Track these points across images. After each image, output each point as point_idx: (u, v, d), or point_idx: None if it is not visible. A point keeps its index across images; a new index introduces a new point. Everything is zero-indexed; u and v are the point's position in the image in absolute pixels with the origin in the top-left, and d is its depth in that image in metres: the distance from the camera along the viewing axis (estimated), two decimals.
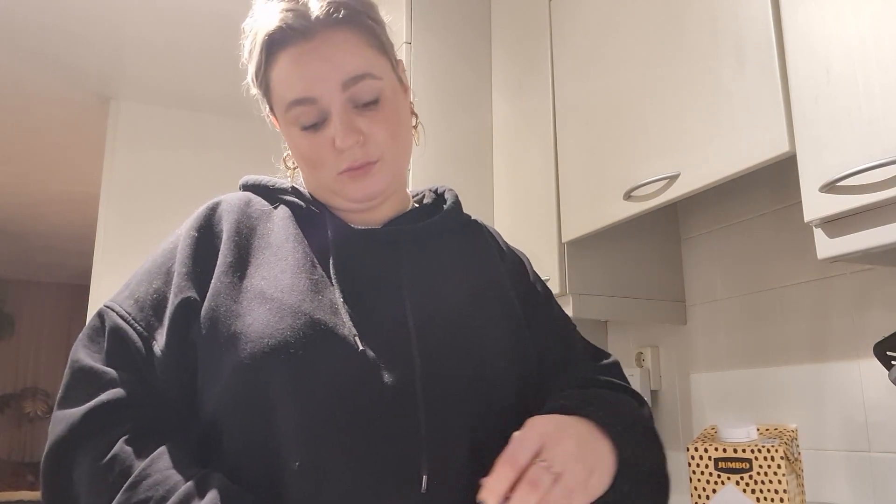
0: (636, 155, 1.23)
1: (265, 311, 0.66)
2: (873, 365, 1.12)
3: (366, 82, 0.70)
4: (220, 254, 0.71)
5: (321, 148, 0.71)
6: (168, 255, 0.73)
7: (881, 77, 0.83)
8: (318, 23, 0.69)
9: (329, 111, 0.70)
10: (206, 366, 0.67)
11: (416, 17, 1.76)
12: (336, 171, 0.72)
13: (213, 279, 0.69)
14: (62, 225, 4.98)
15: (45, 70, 2.69)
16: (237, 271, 0.70)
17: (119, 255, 2.73)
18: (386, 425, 0.63)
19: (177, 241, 0.74)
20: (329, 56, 0.69)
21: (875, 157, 0.81)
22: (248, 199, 0.77)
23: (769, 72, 0.97)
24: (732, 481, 1.08)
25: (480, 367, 0.69)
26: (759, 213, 1.39)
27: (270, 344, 0.63)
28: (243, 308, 0.67)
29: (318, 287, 0.68)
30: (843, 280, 1.21)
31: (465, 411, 0.66)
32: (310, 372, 0.63)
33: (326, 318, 0.65)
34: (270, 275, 0.69)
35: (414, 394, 0.64)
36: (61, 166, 3.80)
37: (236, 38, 0.81)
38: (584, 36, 1.41)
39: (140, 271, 0.74)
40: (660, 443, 0.73)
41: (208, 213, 0.75)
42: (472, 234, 0.83)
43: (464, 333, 0.70)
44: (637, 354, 1.65)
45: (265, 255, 0.71)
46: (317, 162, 0.72)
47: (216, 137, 3.03)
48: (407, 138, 0.78)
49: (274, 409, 0.63)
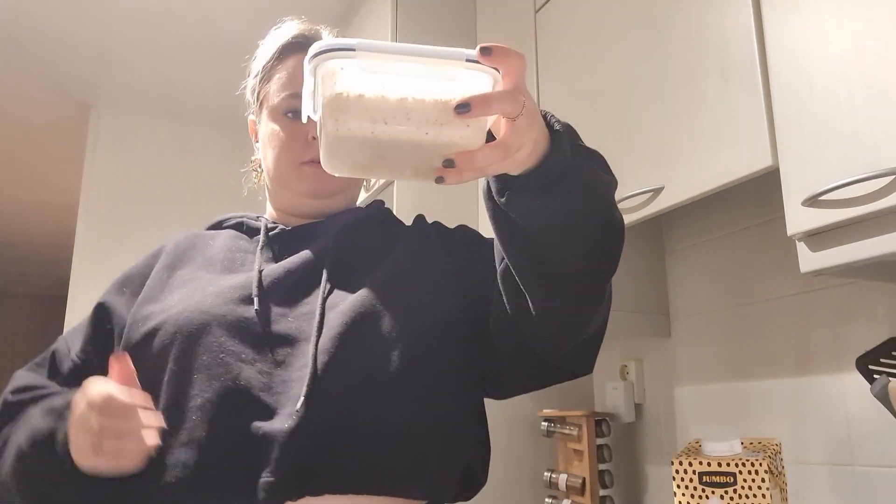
0: (621, 168, 1.23)
1: (180, 293, 0.74)
2: (856, 378, 1.12)
3: None
4: (156, 266, 0.80)
5: (296, 137, 0.80)
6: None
7: (863, 91, 0.83)
8: None
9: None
10: (122, 341, 0.75)
11: (401, 26, 1.76)
12: (300, 159, 0.80)
13: (148, 281, 0.78)
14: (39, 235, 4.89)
15: (25, 76, 2.65)
16: (167, 272, 0.79)
17: (97, 266, 2.68)
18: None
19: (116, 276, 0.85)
20: None
21: (857, 172, 0.82)
22: (197, 233, 0.86)
23: (752, 86, 0.98)
24: (717, 495, 1.08)
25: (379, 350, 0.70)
26: (742, 227, 1.40)
27: (179, 310, 0.70)
28: (164, 295, 0.75)
29: (234, 272, 0.76)
30: (826, 294, 1.22)
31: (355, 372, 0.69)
32: (209, 337, 0.68)
33: (238, 294, 0.72)
34: (195, 271, 0.77)
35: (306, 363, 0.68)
36: (39, 175, 3.74)
37: (220, 46, 0.88)
38: (569, 48, 1.42)
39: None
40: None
41: (154, 249, 0.85)
42: (410, 229, 0.87)
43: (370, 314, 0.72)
44: (621, 367, 1.65)
45: (196, 261, 0.80)
46: (287, 147, 0.81)
47: (198, 146, 2.99)
48: None
49: (172, 359, 0.69)
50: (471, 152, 0.51)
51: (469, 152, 0.51)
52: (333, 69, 0.49)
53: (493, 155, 0.52)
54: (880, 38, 0.82)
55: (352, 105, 0.49)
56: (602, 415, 1.56)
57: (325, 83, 0.49)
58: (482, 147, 0.52)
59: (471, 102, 0.49)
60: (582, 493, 1.50)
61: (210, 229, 0.87)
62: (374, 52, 0.48)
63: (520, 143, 0.52)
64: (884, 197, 0.80)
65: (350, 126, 0.49)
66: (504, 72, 0.51)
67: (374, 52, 0.48)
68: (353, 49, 0.48)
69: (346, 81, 0.49)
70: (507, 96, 0.50)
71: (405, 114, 0.49)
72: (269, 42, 0.86)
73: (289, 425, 0.63)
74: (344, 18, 2.16)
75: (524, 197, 0.58)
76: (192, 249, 0.82)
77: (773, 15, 0.96)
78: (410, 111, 0.49)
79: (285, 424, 0.63)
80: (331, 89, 0.49)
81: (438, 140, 0.50)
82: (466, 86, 0.50)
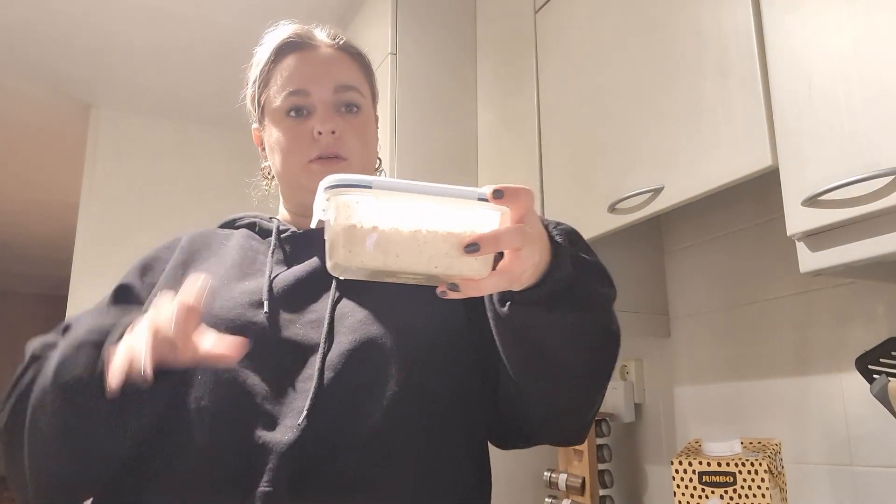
0: (620, 167, 1.24)
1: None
2: (855, 378, 1.12)
3: (352, 93, 0.83)
4: (171, 260, 0.80)
5: (301, 135, 0.80)
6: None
7: (862, 91, 0.84)
8: (320, 42, 0.85)
9: (316, 106, 0.81)
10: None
11: (401, 27, 1.76)
12: (308, 157, 0.80)
13: (162, 275, 0.78)
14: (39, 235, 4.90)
15: (25, 77, 2.65)
16: (181, 269, 0.78)
17: (97, 266, 2.68)
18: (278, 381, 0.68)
19: (133, 263, 0.83)
20: (328, 64, 0.83)
21: (857, 172, 0.82)
22: (210, 231, 0.86)
23: (752, 86, 0.98)
24: (717, 495, 1.08)
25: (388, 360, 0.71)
26: (742, 227, 1.40)
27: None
28: (177, 293, 0.72)
29: (248, 276, 0.76)
30: (825, 294, 1.22)
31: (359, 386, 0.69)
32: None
33: (248, 300, 0.72)
34: (208, 270, 0.77)
35: (312, 373, 0.68)
36: (40, 175, 3.74)
37: (220, 45, 0.87)
38: (569, 49, 1.42)
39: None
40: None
41: (170, 239, 0.85)
42: None
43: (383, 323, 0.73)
44: (621, 367, 1.65)
45: (210, 260, 0.80)
46: (293, 148, 0.81)
47: (199, 146, 2.99)
48: (371, 158, 0.87)
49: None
50: (476, 280, 0.52)
51: (475, 280, 0.52)
52: (349, 202, 0.49)
53: (498, 283, 0.54)
54: (880, 38, 0.82)
55: (367, 236, 0.49)
56: (602, 415, 1.56)
57: (339, 213, 0.50)
58: (487, 276, 0.53)
59: (479, 242, 0.50)
60: (582, 492, 1.50)
61: (223, 227, 0.87)
62: (390, 190, 0.49)
63: (523, 269, 0.54)
64: (883, 197, 0.80)
65: (363, 258, 0.50)
66: (513, 208, 0.53)
67: (389, 190, 0.49)
68: (369, 186, 0.49)
69: (361, 214, 0.49)
70: (515, 233, 0.52)
71: (417, 248, 0.50)
72: (264, 47, 0.85)
73: (290, 437, 0.64)
74: (344, 18, 2.16)
75: (525, 309, 0.60)
76: (206, 249, 0.81)
77: (773, 15, 0.96)
78: (423, 245, 0.50)
79: (286, 436, 0.64)
80: (345, 220, 0.49)
81: (448, 272, 0.52)
82: (478, 219, 0.52)
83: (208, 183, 2.91)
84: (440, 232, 0.50)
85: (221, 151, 2.99)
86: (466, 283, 0.52)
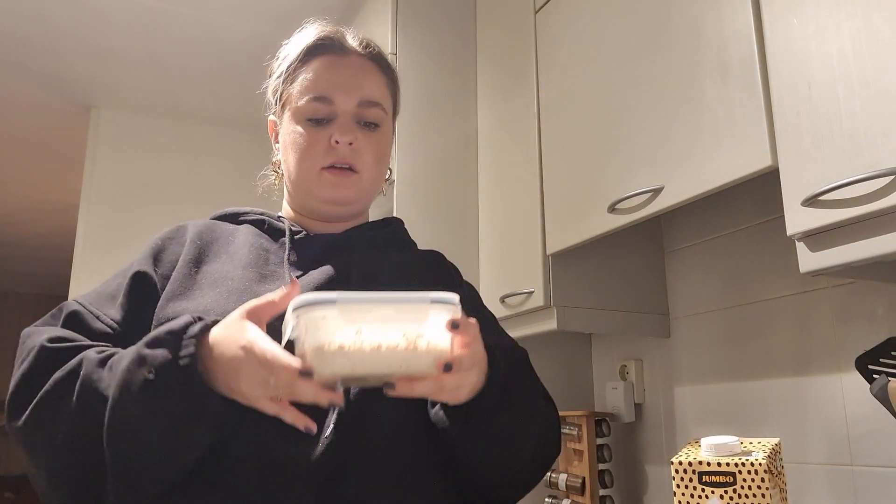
0: (620, 168, 1.24)
1: (214, 294, 0.72)
2: (855, 378, 1.12)
3: (376, 110, 0.83)
4: (182, 255, 0.78)
5: (318, 142, 0.80)
6: (131, 262, 0.80)
7: (862, 91, 0.84)
8: (352, 49, 0.85)
9: (337, 115, 0.81)
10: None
11: (401, 27, 1.76)
12: (322, 164, 0.80)
13: (174, 271, 0.76)
14: (39, 235, 4.89)
15: (26, 78, 2.65)
16: (194, 266, 0.77)
17: (97, 266, 2.68)
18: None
19: (142, 250, 0.82)
20: (357, 74, 0.83)
21: (856, 172, 0.82)
22: (213, 223, 0.85)
23: (752, 86, 0.98)
24: (716, 495, 1.08)
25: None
26: (741, 227, 1.40)
27: (215, 316, 0.68)
28: (194, 293, 0.73)
29: (266, 278, 0.75)
30: (825, 294, 1.22)
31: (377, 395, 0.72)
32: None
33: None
34: (223, 269, 0.76)
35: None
36: (40, 175, 3.74)
37: (220, 46, 0.87)
38: (569, 48, 1.42)
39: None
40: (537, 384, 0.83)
41: (173, 227, 0.83)
42: (424, 259, 0.90)
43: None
44: (621, 367, 1.65)
45: (221, 257, 0.78)
46: (309, 153, 0.81)
47: (198, 146, 2.99)
48: (382, 173, 0.88)
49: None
50: (410, 382, 0.58)
51: (409, 382, 0.58)
52: (316, 318, 0.56)
53: (430, 390, 0.59)
54: (880, 38, 0.82)
55: (334, 355, 0.56)
56: (602, 415, 1.57)
57: (308, 332, 0.56)
58: (423, 382, 0.59)
59: (452, 363, 0.58)
60: (582, 492, 1.50)
61: (221, 220, 0.86)
62: (352, 303, 0.56)
63: (459, 385, 0.62)
64: (883, 197, 0.80)
65: (333, 369, 0.56)
66: (464, 336, 0.60)
67: (351, 303, 0.56)
68: (333, 301, 0.55)
69: (328, 333, 0.56)
70: (470, 356, 0.60)
71: (378, 359, 0.57)
72: (294, 43, 0.85)
73: (317, 451, 0.65)
74: (344, 18, 2.16)
75: (466, 425, 0.68)
76: (215, 244, 0.80)
77: (773, 15, 0.97)
78: (382, 357, 0.57)
79: (313, 450, 0.65)
80: (314, 339, 0.56)
81: (408, 372, 0.59)
82: (431, 322, 0.59)
83: (208, 183, 2.91)
84: (399, 347, 0.57)
85: (221, 151, 2.99)
86: (402, 383, 0.58)
